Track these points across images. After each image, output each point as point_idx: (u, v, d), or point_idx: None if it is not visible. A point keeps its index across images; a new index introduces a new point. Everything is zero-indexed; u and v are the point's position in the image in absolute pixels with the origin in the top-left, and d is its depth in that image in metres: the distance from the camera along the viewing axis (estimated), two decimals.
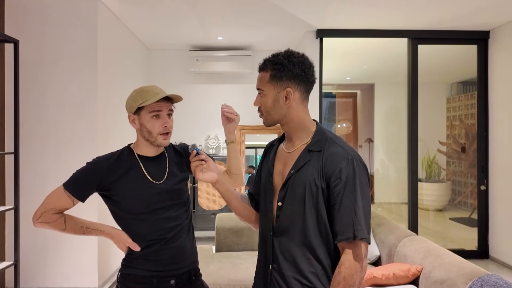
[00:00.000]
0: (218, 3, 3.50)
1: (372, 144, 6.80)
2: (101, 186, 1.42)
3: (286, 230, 1.21)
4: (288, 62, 1.21)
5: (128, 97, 1.47)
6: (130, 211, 1.43)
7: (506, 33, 4.02)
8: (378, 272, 2.22)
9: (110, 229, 1.47)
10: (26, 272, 3.14)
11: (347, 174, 1.14)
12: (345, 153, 1.17)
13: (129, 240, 1.44)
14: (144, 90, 1.43)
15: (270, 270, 1.24)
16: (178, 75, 5.20)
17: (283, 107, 1.23)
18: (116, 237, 1.46)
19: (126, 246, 1.46)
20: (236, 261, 2.99)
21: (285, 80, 1.21)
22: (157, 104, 1.42)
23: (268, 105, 1.24)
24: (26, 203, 2.96)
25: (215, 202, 5.22)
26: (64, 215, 1.42)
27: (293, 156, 1.25)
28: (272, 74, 1.22)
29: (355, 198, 1.13)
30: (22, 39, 3.07)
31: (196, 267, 1.57)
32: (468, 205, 5.42)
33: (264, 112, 1.27)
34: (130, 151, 1.50)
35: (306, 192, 1.17)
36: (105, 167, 1.43)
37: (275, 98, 1.23)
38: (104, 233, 1.47)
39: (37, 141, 3.20)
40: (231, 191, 1.39)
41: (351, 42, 4.61)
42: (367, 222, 1.14)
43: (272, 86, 1.23)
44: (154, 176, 1.46)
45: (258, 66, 1.29)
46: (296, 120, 1.25)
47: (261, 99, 1.27)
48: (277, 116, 1.25)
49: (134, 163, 1.46)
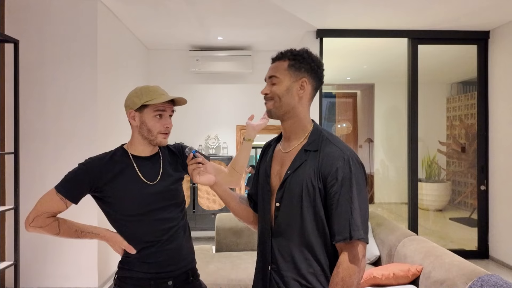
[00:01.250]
0: (218, 3, 3.50)
1: (372, 144, 6.80)
2: (94, 187, 1.40)
3: (285, 230, 1.21)
4: (308, 55, 1.25)
5: (131, 93, 1.45)
6: (124, 213, 1.42)
7: (506, 33, 4.02)
8: (378, 272, 2.22)
9: (105, 232, 1.45)
10: (26, 272, 3.14)
11: (343, 174, 1.14)
12: (342, 152, 1.17)
13: (125, 242, 1.43)
14: (149, 89, 1.43)
15: (269, 271, 1.24)
16: (178, 75, 5.20)
17: (295, 98, 1.24)
18: (112, 240, 1.44)
19: (122, 248, 1.45)
20: (236, 261, 2.99)
21: (303, 71, 1.24)
22: (162, 104, 1.42)
23: (281, 91, 1.24)
24: (26, 203, 2.95)
25: (215, 202, 5.23)
26: (57, 219, 1.40)
27: (289, 156, 1.25)
28: (291, 63, 1.24)
29: (351, 198, 1.13)
30: (22, 39, 3.07)
31: (193, 267, 1.56)
32: (468, 205, 5.42)
33: (275, 98, 1.25)
34: (124, 151, 1.48)
35: (303, 192, 1.17)
36: (98, 168, 1.40)
37: (289, 86, 1.24)
38: (99, 236, 1.45)
39: (37, 141, 3.20)
40: (229, 193, 1.39)
41: (351, 42, 4.61)
42: (364, 222, 1.14)
43: (289, 74, 1.24)
44: (148, 176, 1.44)
45: (274, 56, 1.29)
46: (300, 116, 1.25)
47: (272, 87, 1.26)
48: (286, 105, 1.24)
49: (127, 164, 1.44)
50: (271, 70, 1.28)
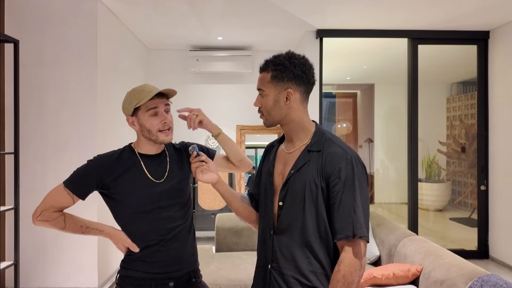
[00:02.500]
0: (218, 3, 3.50)
1: (372, 144, 6.80)
2: (101, 184, 1.41)
3: (286, 229, 1.22)
4: (289, 63, 1.22)
5: (123, 100, 1.46)
6: (130, 210, 1.43)
7: (506, 33, 4.02)
8: (378, 272, 2.23)
9: (109, 229, 1.46)
10: (26, 272, 3.14)
11: (346, 174, 1.15)
12: (344, 153, 1.18)
13: (128, 240, 1.43)
14: (137, 91, 1.43)
15: (269, 269, 1.25)
16: (178, 75, 5.20)
17: (284, 108, 1.24)
18: (115, 237, 1.45)
19: (125, 246, 1.45)
20: (236, 261, 2.99)
21: (286, 81, 1.22)
22: (152, 101, 1.41)
23: (268, 106, 1.25)
24: (26, 203, 2.96)
25: (215, 202, 5.22)
26: (64, 214, 1.41)
27: (293, 156, 1.26)
28: (273, 74, 1.23)
29: (354, 197, 1.14)
30: (22, 39, 3.07)
31: (196, 269, 1.55)
32: (468, 205, 5.42)
33: (264, 113, 1.28)
34: (131, 150, 1.49)
35: (306, 191, 1.18)
36: (106, 165, 1.42)
37: (275, 98, 1.24)
38: (104, 233, 1.46)
39: (37, 141, 3.20)
40: (231, 192, 1.40)
41: (351, 42, 4.61)
42: (366, 221, 1.15)
43: (273, 86, 1.24)
44: (155, 174, 1.45)
45: (259, 67, 1.29)
46: (297, 120, 1.26)
47: (262, 100, 1.27)
48: (277, 116, 1.25)
49: (135, 161, 1.46)
50: (258, 82, 1.28)
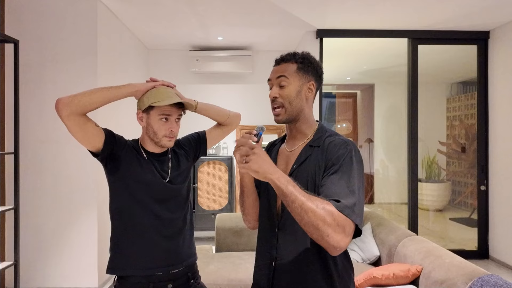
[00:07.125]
0: (218, 3, 3.50)
1: (372, 144, 6.80)
2: (115, 149, 1.43)
3: (291, 225, 1.22)
4: (313, 60, 1.28)
5: (145, 93, 1.46)
6: (132, 179, 1.43)
7: (506, 33, 4.02)
8: (378, 272, 2.23)
9: (126, 84, 1.44)
10: (26, 272, 3.14)
11: (345, 157, 1.12)
12: (344, 142, 1.17)
13: (145, 84, 1.44)
14: (159, 91, 1.43)
15: (273, 267, 1.24)
16: (178, 75, 5.20)
17: (303, 100, 1.25)
18: (135, 85, 1.42)
19: (144, 83, 1.45)
20: (236, 261, 2.99)
21: (310, 74, 1.26)
22: (168, 108, 1.42)
23: (292, 95, 1.24)
24: (26, 203, 2.96)
25: (215, 202, 5.22)
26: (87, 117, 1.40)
27: (294, 154, 1.27)
28: (300, 66, 1.25)
29: (351, 170, 1.09)
30: (22, 39, 3.07)
31: (194, 269, 1.55)
32: (468, 205, 5.42)
33: (285, 103, 1.24)
34: (138, 144, 1.53)
35: (309, 184, 1.18)
36: (124, 140, 1.49)
37: (299, 89, 1.24)
38: (125, 87, 1.41)
39: (37, 141, 3.20)
40: (253, 184, 1.34)
41: (351, 42, 4.61)
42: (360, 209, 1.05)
43: (298, 76, 1.24)
44: (157, 170, 1.49)
45: (279, 58, 1.28)
46: (307, 117, 1.27)
47: (281, 90, 1.24)
48: (296, 109, 1.24)
49: (142, 154, 1.49)
50: (279, 71, 1.26)
